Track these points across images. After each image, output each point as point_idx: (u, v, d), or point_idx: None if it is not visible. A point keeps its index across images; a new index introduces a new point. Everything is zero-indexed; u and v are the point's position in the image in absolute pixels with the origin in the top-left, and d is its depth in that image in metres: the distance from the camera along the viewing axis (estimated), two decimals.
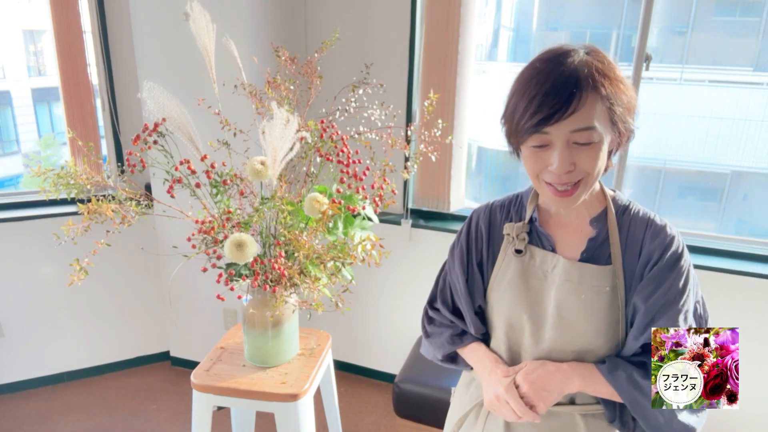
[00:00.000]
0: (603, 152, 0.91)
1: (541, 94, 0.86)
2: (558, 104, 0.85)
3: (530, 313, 1.03)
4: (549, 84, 0.86)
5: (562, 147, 0.88)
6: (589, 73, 0.86)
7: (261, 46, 2.31)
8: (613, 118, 0.89)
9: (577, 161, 0.89)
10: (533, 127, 0.88)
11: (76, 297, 2.77)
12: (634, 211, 1.02)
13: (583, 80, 0.85)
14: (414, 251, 2.61)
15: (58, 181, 1.34)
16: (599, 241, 1.01)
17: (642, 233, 0.99)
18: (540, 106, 0.86)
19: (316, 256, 1.41)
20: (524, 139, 0.92)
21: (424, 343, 1.24)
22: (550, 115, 0.86)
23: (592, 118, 0.86)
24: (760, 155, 3.25)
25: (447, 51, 2.37)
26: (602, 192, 1.04)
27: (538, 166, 0.93)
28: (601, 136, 0.88)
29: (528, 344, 1.05)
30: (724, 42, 3.15)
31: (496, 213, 1.13)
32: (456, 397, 1.24)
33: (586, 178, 0.91)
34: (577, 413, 1.03)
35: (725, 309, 2.19)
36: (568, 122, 0.86)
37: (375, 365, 2.96)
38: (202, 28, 1.41)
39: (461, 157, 2.54)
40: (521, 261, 1.06)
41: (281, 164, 1.30)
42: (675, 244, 0.97)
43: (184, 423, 2.59)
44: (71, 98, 2.63)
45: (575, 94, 0.85)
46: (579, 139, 0.88)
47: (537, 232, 1.06)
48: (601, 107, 0.87)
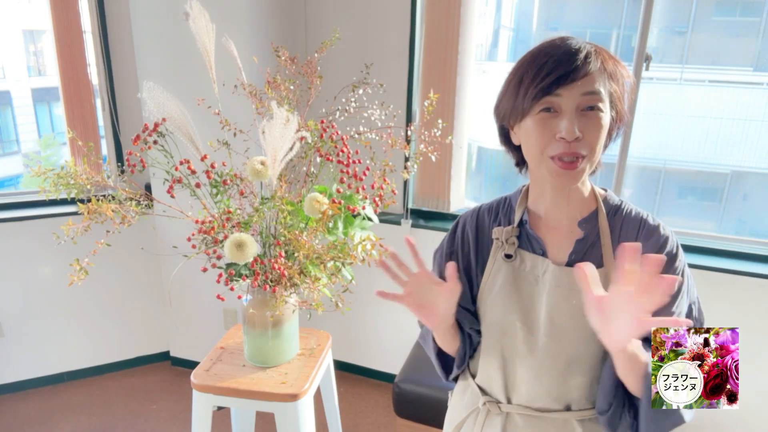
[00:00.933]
0: (605, 128, 0.91)
1: (552, 60, 0.89)
2: (570, 65, 0.87)
3: (523, 320, 1.02)
4: (560, 52, 0.89)
5: (572, 111, 0.89)
6: (595, 51, 0.90)
7: (261, 46, 2.31)
8: (614, 98, 0.92)
9: (584, 130, 0.89)
10: (547, 87, 0.88)
11: (76, 297, 2.77)
12: (626, 211, 1.00)
13: (591, 54, 0.89)
14: None
15: (58, 181, 1.34)
16: (589, 243, 0.99)
17: (635, 234, 0.97)
18: (554, 67, 0.88)
19: (316, 256, 1.41)
20: (533, 104, 0.91)
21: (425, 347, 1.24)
22: (564, 75, 0.87)
23: (601, 84, 0.89)
24: (760, 155, 3.25)
25: (447, 51, 2.37)
26: (593, 192, 1.02)
27: (546, 136, 0.91)
28: (606, 107, 0.90)
29: (522, 350, 1.03)
30: (724, 42, 3.15)
31: (484, 217, 1.11)
32: (452, 402, 1.23)
33: (590, 154, 0.91)
34: (573, 419, 1.02)
35: (725, 309, 2.19)
36: (581, 84, 0.88)
37: (375, 365, 2.96)
38: (202, 27, 1.41)
39: (461, 157, 2.54)
40: (511, 266, 1.04)
41: (281, 164, 1.30)
42: (669, 244, 0.95)
43: (184, 423, 2.58)
44: (71, 98, 2.63)
45: (587, 57, 0.88)
46: (588, 103, 0.89)
47: (527, 236, 1.04)
48: (605, 82, 0.90)
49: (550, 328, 0.99)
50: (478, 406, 1.11)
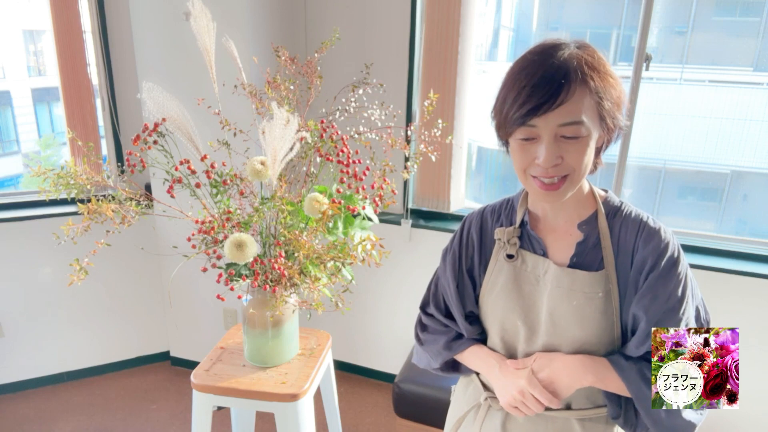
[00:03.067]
0: (590, 148, 0.90)
1: (530, 86, 0.86)
2: (546, 95, 0.84)
3: (524, 319, 1.03)
4: (538, 76, 0.86)
5: (549, 140, 0.87)
6: (578, 65, 0.86)
7: (261, 46, 2.31)
8: (602, 112, 0.89)
9: (564, 155, 0.88)
10: (521, 118, 0.87)
11: (76, 297, 2.77)
12: (626, 213, 1.00)
13: (572, 72, 0.85)
14: (414, 251, 2.61)
15: (58, 181, 1.34)
16: (589, 246, 0.99)
17: (634, 236, 0.97)
18: (528, 96, 0.86)
19: (316, 256, 1.41)
20: (512, 130, 0.91)
21: (418, 351, 1.22)
22: (537, 106, 0.85)
23: (580, 112, 0.86)
24: (760, 155, 3.24)
25: (447, 51, 2.37)
26: (592, 194, 1.02)
27: (526, 160, 0.92)
28: (589, 130, 0.88)
29: (523, 349, 1.04)
30: (724, 42, 3.14)
31: (487, 218, 1.12)
32: (455, 396, 1.24)
33: (572, 174, 0.90)
34: (573, 418, 1.03)
35: (725, 309, 2.19)
36: (555, 114, 0.85)
37: (375, 365, 2.96)
38: (203, 27, 1.41)
39: (461, 157, 2.54)
40: (513, 266, 1.05)
41: (281, 164, 1.30)
42: (670, 249, 0.94)
43: (184, 423, 2.58)
44: (71, 98, 2.63)
45: (563, 85, 0.84)
46: (566, 133, 0.87)
47: (528, 236, 1.05)
48: (589, 101, 0.87)
49: (551, 327, 1.00)
50: (480, 401, 1.12)
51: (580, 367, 0.97)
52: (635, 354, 0.96)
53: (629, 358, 0.96)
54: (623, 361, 0.96)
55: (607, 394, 1.00)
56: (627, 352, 0.97)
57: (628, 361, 0.95)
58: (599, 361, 0.97)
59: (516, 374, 1.01)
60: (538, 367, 0.99)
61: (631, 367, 0.94)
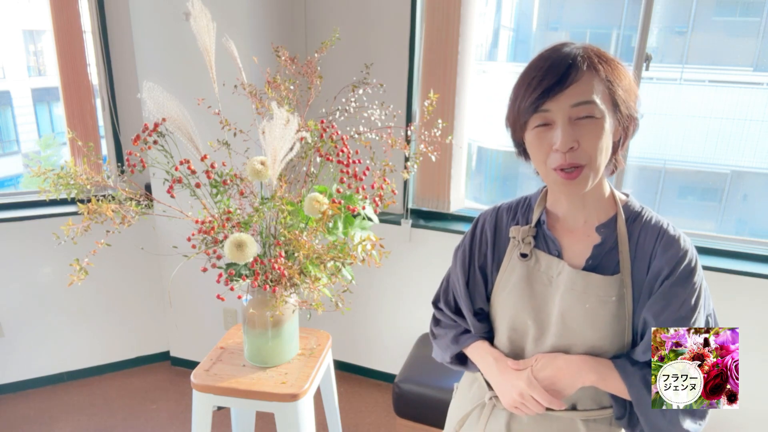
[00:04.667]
0: (606, 133, 0.90)
1: (539, 75, 0.89)
2: (555, 77, 0.88)
3: (534, 318, 1.03)
4: (547, 65, 0.90)
5: (564, 123, 0.89)
6: (586, 54, 0.90)
7: (261, 46, 2.31)
8: (615, 98, 0.91)
9: (580, 139, 0.89)
10: (534, 103, 0.89)
11: (76, 297, 2.77)
12: (646, 219, 0.99)
13: (579, 58, 0.89)
14: (414, 251, 2.61)
15: (58, 181, 1.34)
16: (606, 249, 0.99)
17: (653, 243, 0.96)
18: (539, 82, 0.89)
19: (316, 256, 1.41)
20: (526, 120, 0.92)
21: (433, 345, 1.24)
22: (548, 89, 0.88)
23: (591, 92, 0.88)
24: (760, 155, 3.24)
25: (447, 51, 2.37)
26: (613, 197, 1.02)
27: (544, 149, 0.92)
28: (603, 113, 0.89)
29: (531, 348, 1.04)
30: (724, 42, 3.14)
31: (502, 216, 1.12)
32: (458, 394, 1.23)
33: (590, 163, 0.90)
34: (578, 418, 1.03)
35: (725, 309, 2.18)
36: (567, 96, 0.88)
37: (375, 365, 2.96)
38: (203, 27, 1.41)
39: (461, 157, 2.54)
40: (526, 265, 1.05)
41: (281, 164, 1.30)
42: (688, 257, 0.94)
43: (184, 423, 2.58)
44: (71, 98, 2.63)
45: (572, 66, 0.88)
46: (580, 113, 0.88)
47: (544, 236, 1.05)
48: (600, 86, 0.89)
49: (561, 329, 1.00)
50: (484, 401, 1.12)
51: (583, 365, 0.97)
52: (642, 359, 0.96)
53: (635, 363, 0.96)
54: (629, 365, 0.95)
55: (612, 394, 1.00)
56: (634, 357, 0.97)
57: (634, 366, 0.95)
58: (602, 360, 0.97)
59: (515, 375, 1.01)
60: (540, 367, 0.99)
61: (635, 372, 0.94)
